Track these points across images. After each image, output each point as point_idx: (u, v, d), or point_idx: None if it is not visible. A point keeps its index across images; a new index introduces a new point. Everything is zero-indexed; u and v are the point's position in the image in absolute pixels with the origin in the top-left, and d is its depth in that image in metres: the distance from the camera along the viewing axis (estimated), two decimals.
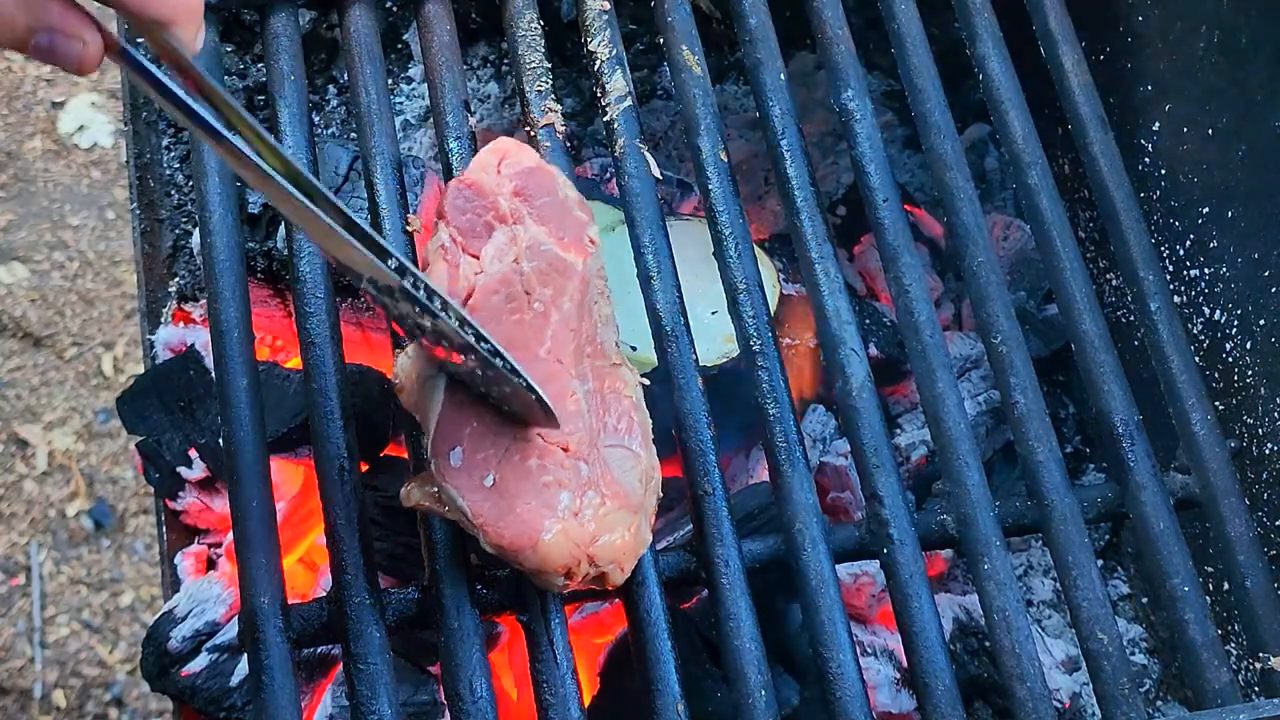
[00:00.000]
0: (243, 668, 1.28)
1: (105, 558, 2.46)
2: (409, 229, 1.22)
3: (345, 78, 1.54)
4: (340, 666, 1.27)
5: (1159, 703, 1.47)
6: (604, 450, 1.06)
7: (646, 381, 1.12)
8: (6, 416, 2.55)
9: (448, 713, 1.10)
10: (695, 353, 1.20)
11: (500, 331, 1.04)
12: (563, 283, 1.08)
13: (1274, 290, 1.29)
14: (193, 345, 1.41)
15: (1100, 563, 1.52)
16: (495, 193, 1.10)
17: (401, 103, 1.62)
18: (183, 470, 1.39)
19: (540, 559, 1.01)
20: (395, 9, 1.64)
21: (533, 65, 1.31)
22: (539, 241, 1.09)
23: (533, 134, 1.28)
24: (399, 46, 1.65)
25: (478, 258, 1.08)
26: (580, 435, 1.03)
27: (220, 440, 1.29)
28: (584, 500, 1.02)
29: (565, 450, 1.03)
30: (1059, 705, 1.41)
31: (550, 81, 1.31)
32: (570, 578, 1.02)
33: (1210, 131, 1.36)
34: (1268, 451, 1.31)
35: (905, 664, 1.17)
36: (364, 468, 1.36)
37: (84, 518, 2.48)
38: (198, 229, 1.38)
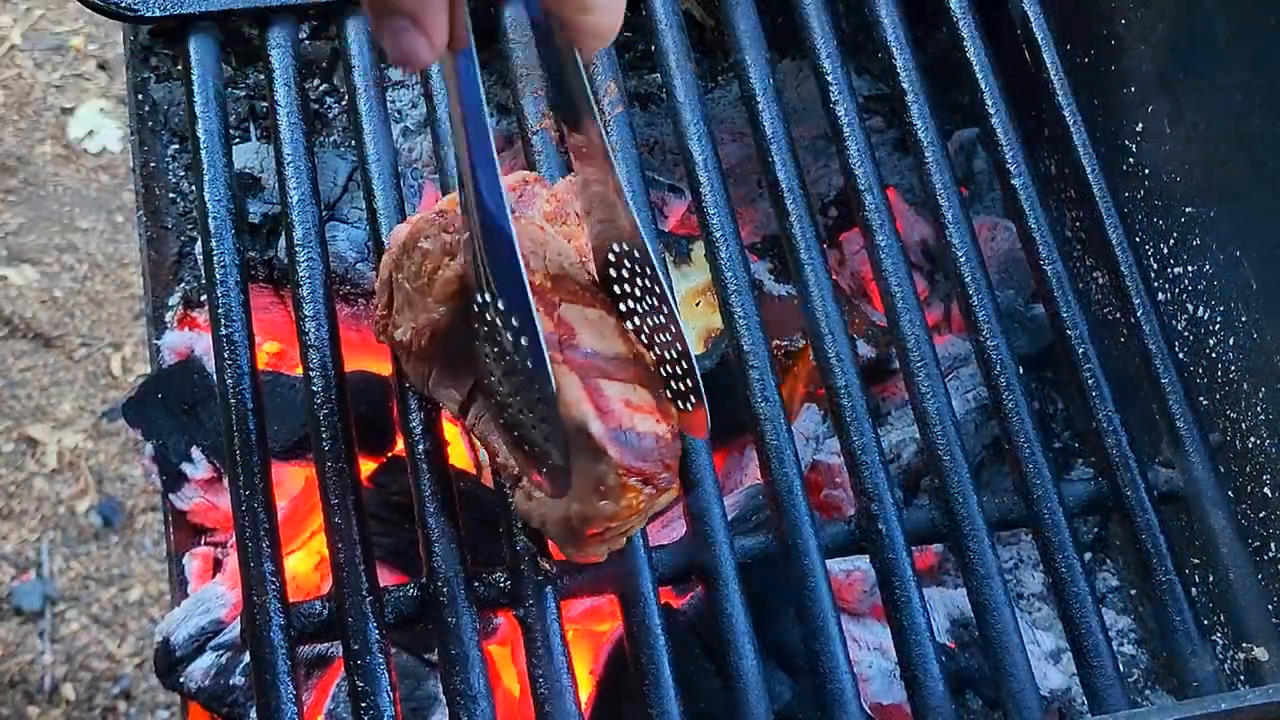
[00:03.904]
0: (246, 665, 1.30)
1: (113, 554, 2.48)
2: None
3: (344, 87, 1.56)
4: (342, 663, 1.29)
5: (1147, 692, 1.48)
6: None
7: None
8: (17, 415, 2.57)
9: (446, 708, 1.12)
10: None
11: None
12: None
13: (1255, 287, 1.31)
14: (194, 350, 1.43)
15: (1089, 555, 1.54)
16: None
17: (403, 110, 1.64)
18: (187, 469, 1.41)
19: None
20: None
21: (528, 72, 1.33)
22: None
23: (528, 139, 1.30)
24: None
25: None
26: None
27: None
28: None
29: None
30: (1048, 696, 1.43)
31: (545, 88, 1.33)
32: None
33: (1192, 132, 1.37)
34: (1250, 445, 1.32)
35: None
36: (369, 467, 1.38)
37: (92, 514, 2.50)
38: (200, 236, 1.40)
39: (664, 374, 1.06)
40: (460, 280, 1.05)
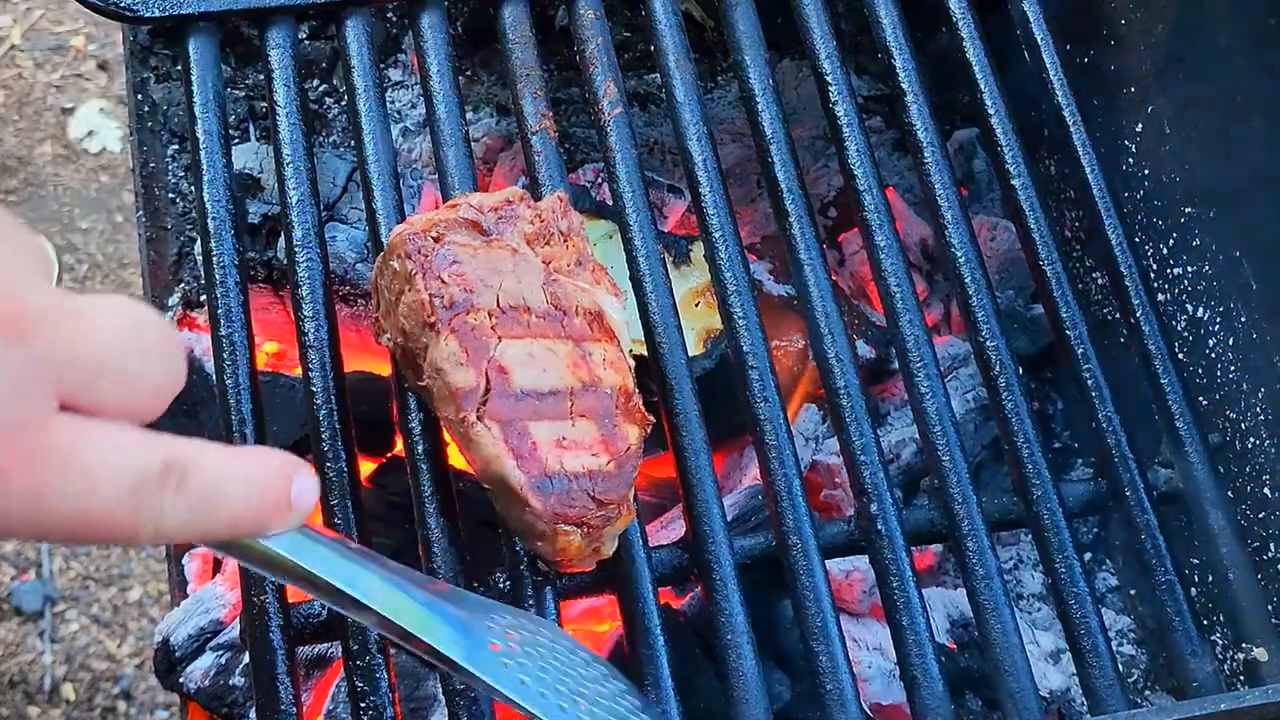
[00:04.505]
0: (246, 665, 1.30)
1: (114, 554, 2.48)
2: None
3: (344, 87, 1.56)
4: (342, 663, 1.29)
5: (1147, 692, 1.49)
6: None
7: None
8: None
9: (446, 709, 1.12)
10: (687, 354, 1.23)
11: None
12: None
13: (1255, 287, 1.31)
14: (192, 351, 1.43)
15: (1089, 555, 1.54)
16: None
17: (403, 110, 1.64)
18: None
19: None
20: (394, 19, 1.66)
21: (527, 72, 1.33)
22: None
23: (528, 139, 1.30)
24: (401, 53, 1.67)
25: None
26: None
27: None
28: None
29: None
30: (1047, 697, 1.43)
31: (544, 88, 1.33)
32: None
33: (1192, 133, 1.38)
34: (1249, 445, 1.33)
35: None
36: (369, 467, 1.38)
37: None
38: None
39: None
40: (411, 316, 1.07)
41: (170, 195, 1.56)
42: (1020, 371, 1.27)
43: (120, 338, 0.65)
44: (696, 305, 1.49)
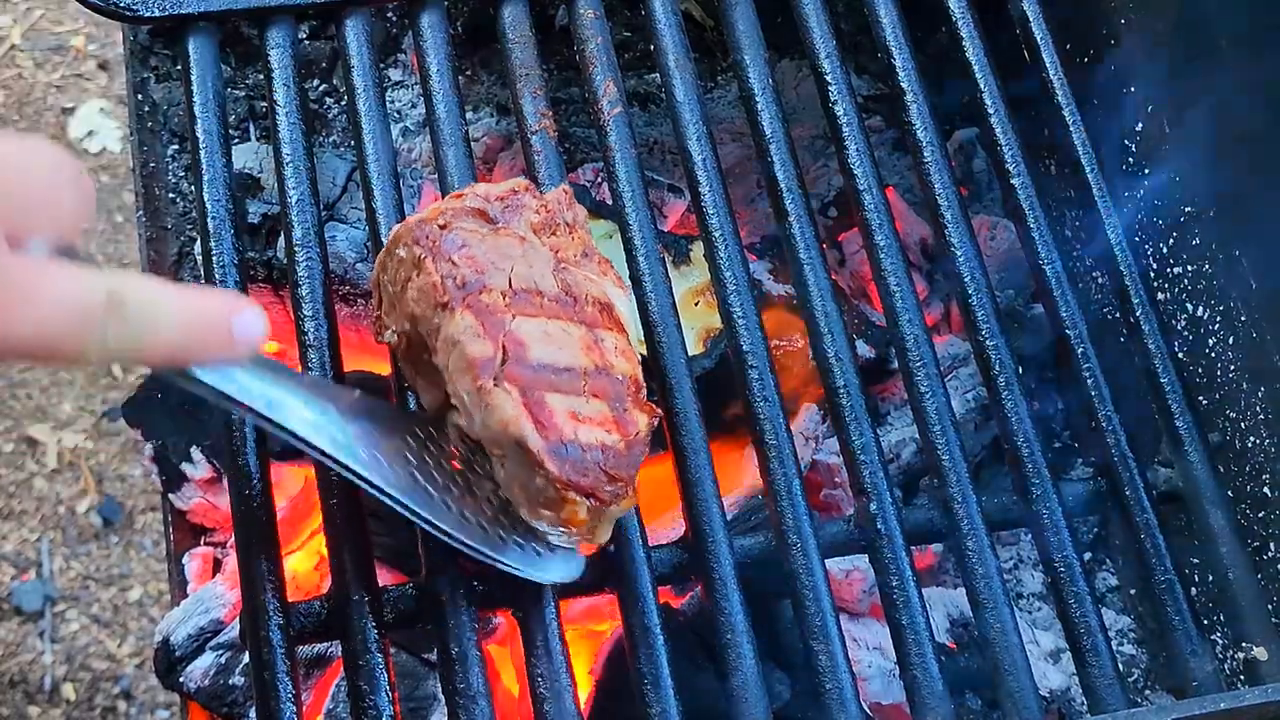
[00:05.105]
0: (246, 665, 1.30)
1: (114, 554, 2.49)
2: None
3: (344, 87, 1.56)
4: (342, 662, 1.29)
5: (1147, 691, 1.49)
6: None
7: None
8: (17, 415, 2.58)
9: (445, 708, 1.12)
10: (687, 353, 1.23)
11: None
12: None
13: (1255, 287, 1.31)
14: None
15: (1089, 555, 1.54)
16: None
17: (402, 110, 1.64)
18: (187, 469, 1.41)
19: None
20: (394, 19, 1.66)
21: (527, 72, 1.33)
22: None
23: (528, 139, 1.30)
24: (401, 53, 1.67)
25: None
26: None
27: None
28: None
29: None
30: (1047, 696, 1.43)
31: (544, 88, 1.33)
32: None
33: (1193, 132, 1.38)
34: (1249, 445, 1.32)
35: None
36: None
37: (93, 514, 2.51)
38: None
39: None
40: (421, 299, 1.07)
41: (170, 195, 1.56)
42: (1020, 371, 1.27)
43: (46, 175, 0.75)
44: (696, 305, 1.49)
